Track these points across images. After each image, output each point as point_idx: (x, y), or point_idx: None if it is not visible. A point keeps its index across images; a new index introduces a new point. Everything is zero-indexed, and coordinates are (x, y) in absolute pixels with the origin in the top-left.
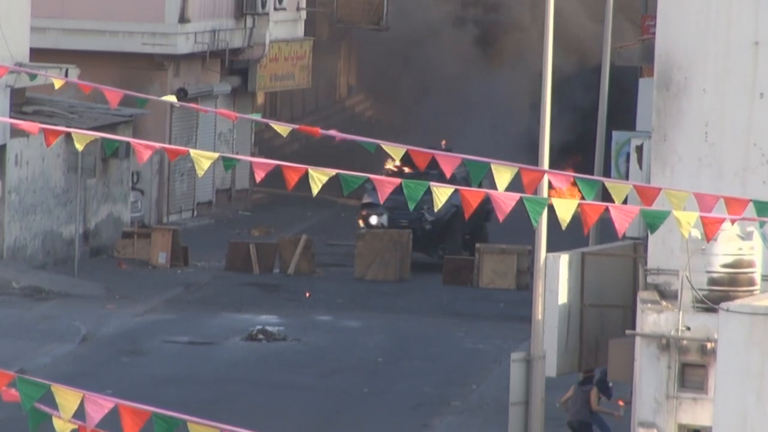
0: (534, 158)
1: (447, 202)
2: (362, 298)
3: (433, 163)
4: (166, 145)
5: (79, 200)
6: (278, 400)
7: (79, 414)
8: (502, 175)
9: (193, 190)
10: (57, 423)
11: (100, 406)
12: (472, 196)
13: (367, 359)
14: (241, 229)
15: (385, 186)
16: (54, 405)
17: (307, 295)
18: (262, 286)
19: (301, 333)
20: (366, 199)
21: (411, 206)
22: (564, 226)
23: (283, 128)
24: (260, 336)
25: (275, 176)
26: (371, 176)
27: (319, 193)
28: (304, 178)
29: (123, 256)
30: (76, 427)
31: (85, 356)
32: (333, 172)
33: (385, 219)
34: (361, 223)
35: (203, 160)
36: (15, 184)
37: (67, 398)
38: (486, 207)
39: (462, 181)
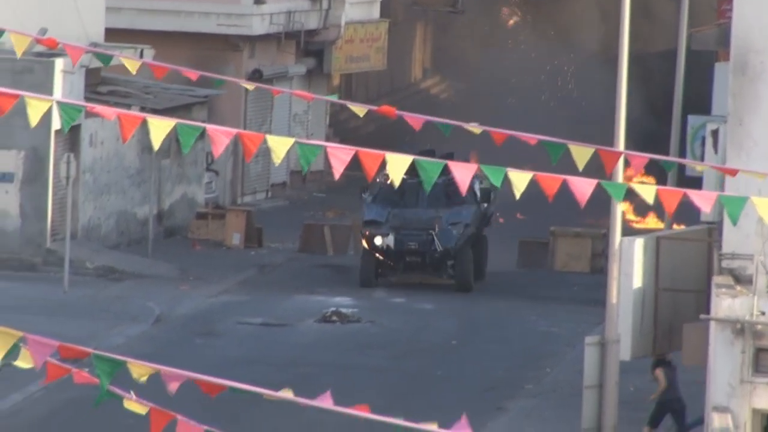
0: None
1: (457, 221)
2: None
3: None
4: (242, 131)
5: (154, 180)
6: (351, 381)
7: (149, 397)
8: (580, 156)
9: (267, 171)
10: (128, 404)
11: (175, 381)
12: (549, 183)
13: (441, 342)
14: (315, 211)
15: (465, 175)
16: (127, 385)
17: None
18: (336, 267)
19: (375, 315)
20: (367, 216)
21: (498, 183)
22: (650, 202)
23: (359, 109)
24: (334, 318)
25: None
26: (449, 162)
27: (393, 174)
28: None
29: (197, 236)
30: (148, 409)
31: (159, 337)
32: (410, 158)
33: (391, 240)
34: (364, 243)
35: (280, 147)
36: (89, 164)
37: (142, 374)
38: (488, 212)
39: (470, 190)
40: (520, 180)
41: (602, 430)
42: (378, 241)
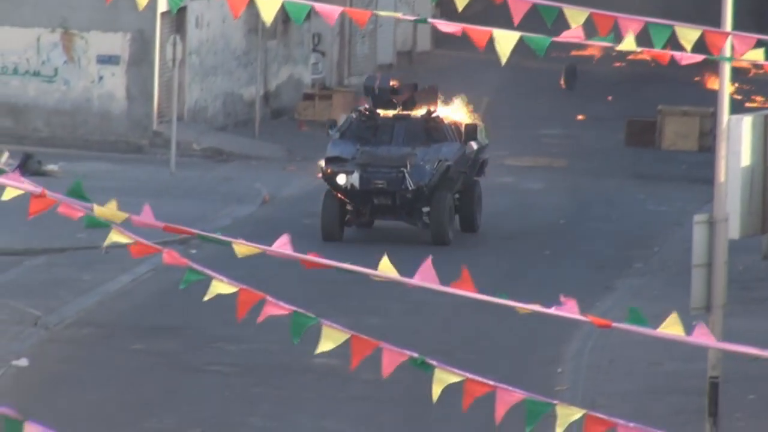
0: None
1: (434, 158)
2: (545, 156)
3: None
4: (350, 8)
5: (260, 62)
6: (462, 261)
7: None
8: (687, 37)
9: (374, 52)
10: (217, 285)
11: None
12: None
13: (549, 221)
14: None
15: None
16: (224, 269)
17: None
18: None
19: (485, 194)
20: (331, 152)
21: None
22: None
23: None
24: None
25: (458, 38)
26: (556, 39)
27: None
28: (489, 42)
29: (304, 117)
30: (237, 289)
31: (266, 218)
32: (518, 35)
33: (356, 178)
34: (327, 183)
35: (389, 19)
36: (195, 45)
37: (246, 254)
38: (480, 157)
39: (454, 125)
40: (575, 16)
41: (711, 309)
42: (341, 179)
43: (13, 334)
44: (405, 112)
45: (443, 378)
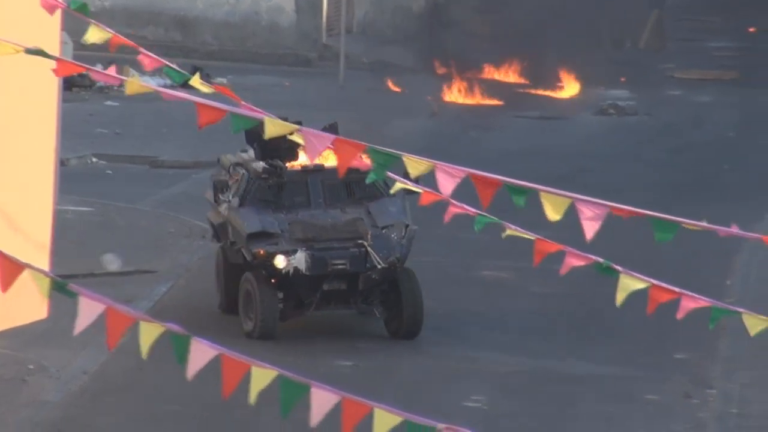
0: None
1: (392, 221)
2: (714, 69)
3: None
4: None
5: None
6: (628, 174)
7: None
8: None
9: None
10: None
11: (451, 176)
12: None
13: (719, 134)
14: None
15: None
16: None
17: (622, 80)
18: (614, 61)
19: (652, 107)
20: (251, 227)
21: None
22: None
23: None
24: (611, 110)
25: None
26: None
27: None
28: None
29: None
30: (421, 190)
31: (435, 131)
32: None
33: (301, 260)
34: (255, 268)
35: None
36: None
37: (418, 168)
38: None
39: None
40: None
41: None
42: (280, 262)
43: (181, 247)
44: (317, 163)
45: (628, 284)
